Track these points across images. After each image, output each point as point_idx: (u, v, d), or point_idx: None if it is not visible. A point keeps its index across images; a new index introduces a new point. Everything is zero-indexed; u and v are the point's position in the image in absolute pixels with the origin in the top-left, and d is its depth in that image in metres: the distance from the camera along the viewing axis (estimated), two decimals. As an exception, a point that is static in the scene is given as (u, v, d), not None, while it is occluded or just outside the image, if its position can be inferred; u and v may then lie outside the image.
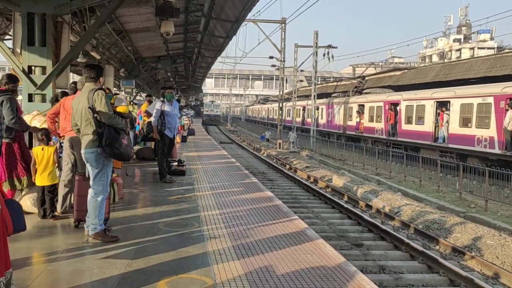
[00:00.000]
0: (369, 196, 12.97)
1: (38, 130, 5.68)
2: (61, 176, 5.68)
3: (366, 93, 29.26)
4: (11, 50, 7.36)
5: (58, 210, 5.59)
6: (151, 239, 4.90)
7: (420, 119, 20.52)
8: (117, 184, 6.63)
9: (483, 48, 61.89)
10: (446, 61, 44.61)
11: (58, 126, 5.88)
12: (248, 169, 15.15)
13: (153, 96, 17.87)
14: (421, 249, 7.72)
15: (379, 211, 11.26)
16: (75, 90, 5.71)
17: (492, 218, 10.70)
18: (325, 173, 17.61)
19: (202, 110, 66.57)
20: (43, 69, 6.95)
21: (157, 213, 6.15)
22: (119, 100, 7.66)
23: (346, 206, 11.18)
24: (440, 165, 15.34)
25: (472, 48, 64.88)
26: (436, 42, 73.67)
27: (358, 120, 27.46)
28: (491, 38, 65.48)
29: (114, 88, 20.03)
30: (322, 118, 33.75)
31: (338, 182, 15.54)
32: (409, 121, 21.40)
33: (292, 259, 4.48)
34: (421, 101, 20.58)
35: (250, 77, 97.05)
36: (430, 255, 7.37)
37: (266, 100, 64.73)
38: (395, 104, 23.03)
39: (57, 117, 5.82)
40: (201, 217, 6.01)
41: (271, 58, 32.80)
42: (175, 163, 9.71)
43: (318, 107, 33.20)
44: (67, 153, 5.60)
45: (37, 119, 5.87)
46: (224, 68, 61.49)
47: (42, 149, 5.36)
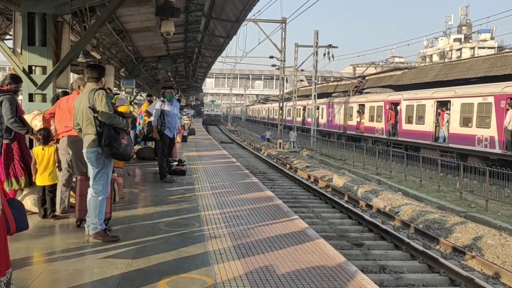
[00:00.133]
0: (369, 195, 12.97)
1: (36, 133, 5.66)
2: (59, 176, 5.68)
3: (366, 92, 29.25)
4: (12, 50, 7.36)
5: (58, 210, 5.59)
6: (152, 239, 4.90)
7: (420, 119, 20.52)
8: (117, 183, 6.64)
9: (484, 47, 61.88)
10: (446, 60, 44.62)
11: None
12: (248, 168, 15.15)
13: (153, 96, 17.88)
14: (421, 248, 7.71)
15: (380, 211, 11.26)
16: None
17: (492, 218, 10.69)
18: (325, 172, 17.61)
19: (202, 110, 66.52)
20: (44, 69, 6.95)
21: (157, 212, 6.15)
22: (121, 100, 7.66)
23: (346, 205, 11.17)
24: (440, 164, 15.34)
25: (472, 47, 64.86)
26: (436, 42, 73.66)
27: (358, 119, 27.45)
28: (492, 38, 65.47)
29: (115, 88, 20.04)
30: (322, 118, 33.74)
31: (339, 181, 15.54)
32: (409, 120, 21.39)
33: (292, 259, 4.48)
34: (421, 100, 20.58)
35: (251, 76, 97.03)
36: (431, 255, 7.36)
37: (266, 100, 64.71)
38: (396, 103, 23.02)
39: (53, 118, 5.81)
40: (201, 216, 6.01)
41: (272, 57, 32.83)
42: (175, 163, 9.71)
43: (318, 107, 33.19)
44: (62, 153, 5.60)
45: (37, 119, 5.87)
46: (224, 68, 61.55)
47: (43, 149, 5.37)
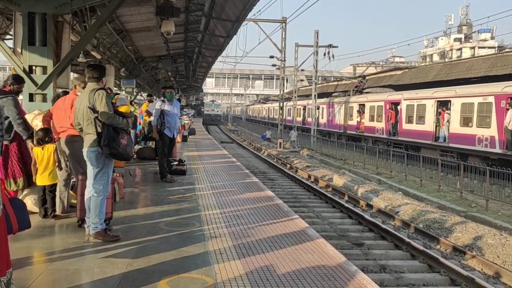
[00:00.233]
0: (369, 195, 12.97)
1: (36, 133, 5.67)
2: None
3: (366, 92, 29.25)
4: (12, 49, 7.36)
5: (58, 210, 5.60)
6: (152, 239, 4.90)
7: (420, 119, 20.51)
8: (118, 183, 6.64)
9: (484, 47, 61.84)
10: (446, 60, 44.60)
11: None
12: (248, 168, 15.15)
13: (154, 95, 17.88)
14: (421, 248, 7.71)
15: (380, 211, 11.26)
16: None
17: (493, 218, 10.69)
18: (325, 172, 17.61)
19: (202, 109, 66.48)
20: (44, 68, 6.95)
21: (158, 212, 6.15)
22: (121, 100, 7.66)
23: (346, 205, 11.17)
24: (441, 164, 15.33)
25: (472, 47, 64.83)
26: (436, 42, 73.64)
27: (358, 119, 27.45)
28: (492, 38, 65.42)
29: (115, 88, 20.05)
30: (322, 118, 33.74)
31: (339, 181, 15.54)
32: (409, 120, 21.39)
33: (293, 259, 4.48)
34: (421, 100, 20.57)
35: (251, 76, 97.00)
36: (431, 255, 7.36)
37: (266, 99, 64.66)
38: (396, 103, 23.01)
39: (51, 119, 5.82)
40: (201, 216, 6.01)
41: (272, 57, 32.81)
42: (176, 163, 9.71)
43: (318, 107, 33.18)
44: (60, 153, 5.61)
45: (38, 119, 5.87)
46: (224, 67, 61.58)
47: (42, 148, 5.37)
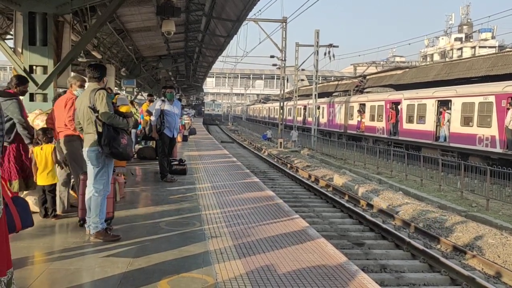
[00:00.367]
0: (370, 195, 12.96)
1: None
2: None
3: (367, 92, 29.24)
4: (13, 49, 7.36)
5: (58, 210, 5.60)
6: (153, 238, 4.91)
7: (421, 118, 20.51)
8: (118, 183, 6.64)
9: (485, 47, 61.80)
10: (447, 60, 44.54)
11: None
12: (249, 168, 15.16)
13: (154, 95, 17.89)
14: (422, 248, 7.71)
15: (380, 210, 11.26)
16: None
17: (493, 217, 10.68)
18: (326, 172, 17.61)
19: (203, 109, 66.39)
20: (45, 68, 6.96)
21: (158, 212, 6.15)
22: (122, 100, 7.66)
23: (347, 205, 11.17)
24: (441, 164, 15.33)
25: (473, 47, 64.78)
26: (437, 41, 73.59)
27: (359, 119, 27.45)
28: (493, 37, 65.39)
29: (115, 87, 20.04)
30: (323, 117, 33.73)
31: (339, 181, 15.54)
32: (410, 120, 21.38)
33: (293, 258, 4.48)
34: (422, 100, 20.56)
35: (251, 76, 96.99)
36: (432, 254, 7.36)
37: (267, 99, 64.67)
38: (396, 103, 23.00)
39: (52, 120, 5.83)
40: (202, 216, 6.01)
41: (272, 57, 32.77)
42: (176, 162, 9.71)
43: (319, 106, 33.17)
44: (59, 153, 5.61)
45: (40, 118, 5.87)
46: (225, 67, 61.55)
47: (41, 148, 5.37)
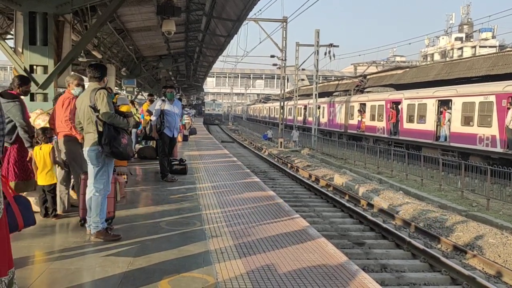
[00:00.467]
0: (370, 195, 12.96)
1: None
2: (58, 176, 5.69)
3: (367, 91, 29.23)
4: (13, 49, 7.37)
5: (58, 209, 5.60)
6: (153, 238, 4.91)
7: (421, 118, 20.50)
8: (119, 183, 6.64)
9: (485, 46, 61.74)
10: (447, 59, 44.54)
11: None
12: (249, 168, 15.16)
13: (155, 95, 17.88)
14: (422, 247, 7.71)
15: (381, 210, 11.26)
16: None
17: (494, 217, 10.68)
18: (326, 172, 17.60)
19: (203, 109, 66.28)
20: (45, 68, 6.96)
21: (158, 212, 6.16)
22: (122, 99, 7.66)
23: (347, 205, 11.17)
24: (441, 163, 15.33)
25: (473, 46, 64.73)
26: (437, 41, 73.53)
27: (359, 119, 27.44)
28: (493, 37, 65.34)
29: (116, 87, 20.04)
30: (323, 117, 33.73)
31: (340, 181, 15.54)
32: (410, 119, 21.37)
33: (294, 258, 4.48)
34: (422, 99, 20.56)
35: (252, 76, 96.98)
36: (432, 254, 7.36)
37: (267, 99, 64.66)
38: (397, 102, 23.00)
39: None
40: (202, 215, 6.01)
41: (272, 57, 32.76)
42: (176, 162, 9.71)
43: (319, 106, 33.16)
44: (59, 153, 5.62)
45: (41, 118, 5.87)
46: (225, 67, 61.50)
47: (40, 148, 5.37)
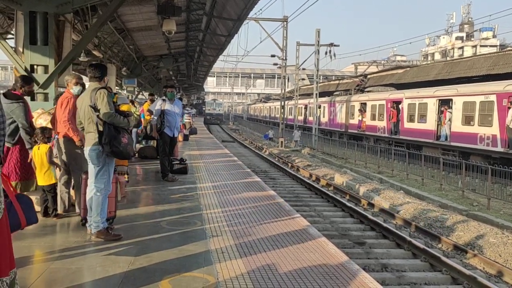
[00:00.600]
0: (371, 194, 12.96)
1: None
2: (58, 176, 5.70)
3: (368, 91, 29.23)
4: (14, 49, 7.38)
5: (59, 209, 5.61)
6: (154, 238, 4.91)
7: (422, 117, 20.49)
8: (119, 182, 6.64)
9: (486, 46, 61.66)
10: (448, 59, 44.51)
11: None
12: (250, 167, 15.16)
13: (155, 95, 17.90)
14: (423, 247, 7.71)
15: (381, 209, 11.25)
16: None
17: (494, 216, 10.68)
18: (327, 171, 17.60)
19: (204, 108, 66.20)
20: (46, 68, 6.97)
21: (159, 211, 6.16)
22: (122, 99, 7.66)
23: (348, 204, 11.17)
24: (442, 163, 15.32)
25: (474, 46, 64.66)
26: (438, 40, 73.47)
27: (360, 118, 27.44)
28: (494, 36, 65.27)
29: (116, 87, 20.05)
30: (324, 117, 33.72)
31: (340, 180, 15.54)
32: (411, 119, 21.36)
33: (294, 257, 4.48)
34: (423, 99, 20.55)
35: (252, 75, 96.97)
36: (433, 253, 7.36)
37: (268, 98, 64.65)
38: (397, 102, 22.99)
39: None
40: (203, 215, 6.01)
41: (273, 56, 32.74)
42: (177, 162, 9.72)
43: (320, 106, 33.16)
44: (59, 153, 5.63)
45: (42, 118, 5.88)
46: (226, 66, 61.46)
47: (38, 148, 5.37)
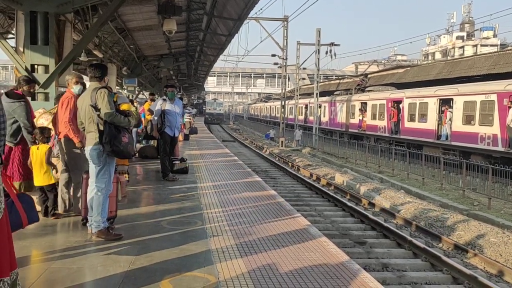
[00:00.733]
0: (371, 194, 12.95)
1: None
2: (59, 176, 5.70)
3: (368, 90, 29.22)
4: (14, 48, 7.38)
5: (59, 209, 5.61)
6: (154, 237, 4.91)
7: (423, 117, 20.48)
8: (120, 182, 6.64)
9: (486, 45, 61.58)
10: (449, 58, 44.46)
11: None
12: (250, 167, 15.15)
13: (156, 94, 17.92)
14: (424, 246, 7.70)
15: (382, 209, 11.25)
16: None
17: (495, 216, 10.67)
18: (327, 171, 17.60)
19: (204, 108, 66.14)
20: (46, 67, 6.97)
21: (160, 211, 6.16)
22: (121, 98, 7.66)
23: (349, 204, 11.17)
24: (443, 162, 15.31)
25: (475, 45, 64.58)
26: (439, 40, 73.39)
27: (360, 118, 27.43)
28: (494, 35, 65.18)
29: (117, 86, 20.06)
30: (324, 116, 33.72)
31: (341, 180, 15.54)
32: (412, 118, 21.35)
33: (295, 257, 4.48)
34: (424, 98, 20.54)
35: (252, 75, 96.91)
36: (433, 253, 7.35)
37: (268, 98, 64.64)
38: (398, 101, 22.97)
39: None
40: (204, 215, 6.01)
41: (273, 56, 32.72)
42: (178, 161, 9.72)
43: (320, 105, 33.15)
44: (61, 153, 5.63)
45: (44, 117, 5.88)
46: (226, 66, 61.42)
47: (38, 148, 5.36)
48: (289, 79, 35.52)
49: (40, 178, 5.38)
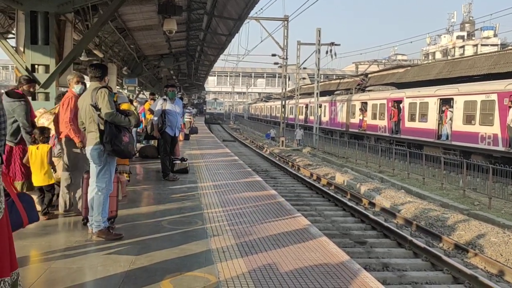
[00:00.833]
0: (372, 193, 12.95)
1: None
2: (59, 176, 5.70)
3: (369, 90, 29.21)
4: (15, 48, 7.38)
5: (59, 210, 5.61)
6: (155, 237, 4.91)
7: (423, 117, 20.48)
8: (120, 182, 6.64)
9: (487, 45, 61.56)
10: (449, 58, 44.43)
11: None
12: (251, 167, 15.15)
13: (156, 94, 17.92)
14: (424, 246, 7.70)
15: (382, 209, 11.25)
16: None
17: (496, 216, 10.67)
18: (328, 170, 17.60)
19: (204, 108, 66.10)
20: (46, 67, 6.98)
21: (160, 211, 6.16)
22: (121, 98, 7.66)
23: (349, 203, 11.16)
24: (443, 162, 15.31)
25: (475, 45, 64.57)
26: (439, 39, 73.38)
27: (361, 117, 27.43)
28: (495, 35, 65.17)
29: (117, 86, 20.07)
30: (325, 116, 33.71)
31: (341, 179, 15.53)
32: (412, 118, 21.35)
33: (295, 257, 4.48)
34: (424, 98, 20.53)
35: (253, 75, 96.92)
36: (434, 253, 7.35)
37: (268, 98, 64.63)
38: (398, 101, 22.97)
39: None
40: (204, 214, 6.01)
41: (274, 55, 32.72)
42: (178, 161, 9.72)
43: (321, 105, 33.15)
44: (62, 153, 5.64)
45: (45, 117, 5.88)
46: (226, 66, 61.43)
47: (37, 148, 5.35)
48: (289, 79, 35.54)
49: (40, 178, 5.37)
